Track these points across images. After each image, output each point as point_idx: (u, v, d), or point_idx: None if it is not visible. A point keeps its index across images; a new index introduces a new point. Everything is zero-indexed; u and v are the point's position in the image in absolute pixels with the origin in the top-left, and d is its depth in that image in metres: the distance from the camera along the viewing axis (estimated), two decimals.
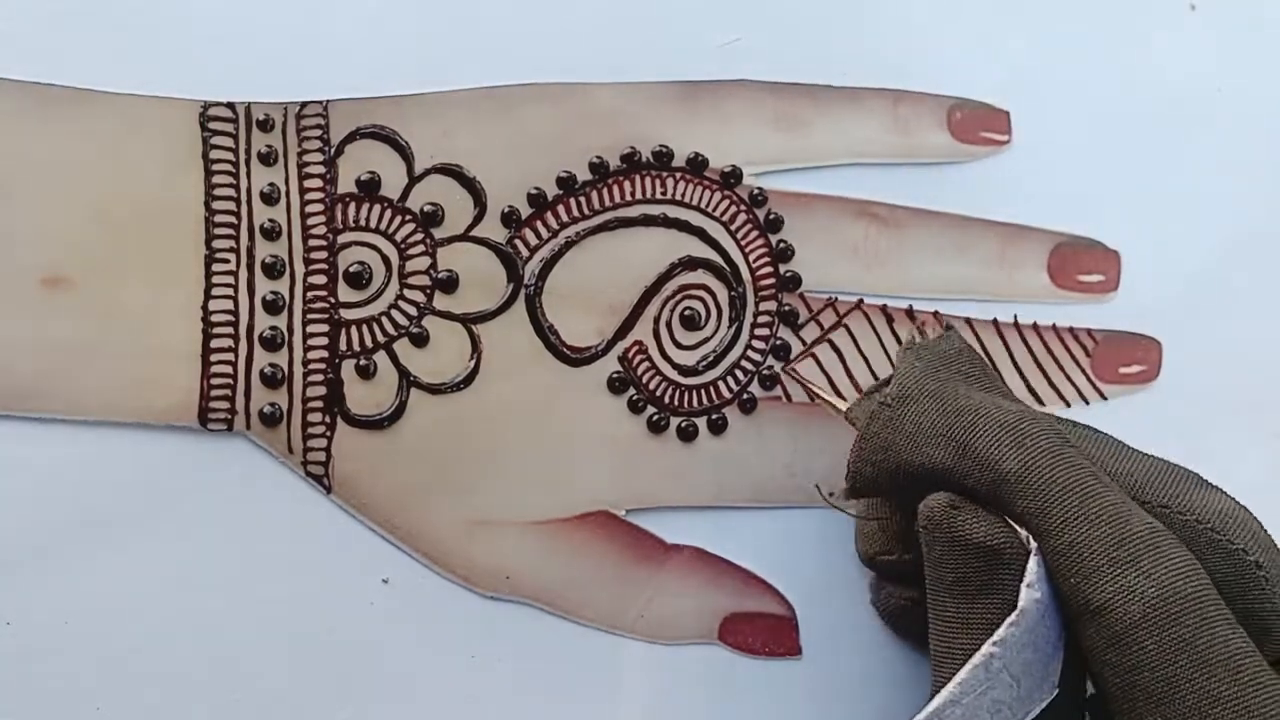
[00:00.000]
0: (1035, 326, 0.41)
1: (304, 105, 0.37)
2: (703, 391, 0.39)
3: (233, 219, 0.36)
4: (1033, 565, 0.30)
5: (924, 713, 0.29)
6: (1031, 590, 0.30)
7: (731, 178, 0.39)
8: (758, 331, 0.39)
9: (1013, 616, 0.29)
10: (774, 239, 0.39)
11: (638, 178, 0.39)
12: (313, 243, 0.36)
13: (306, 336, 0.36)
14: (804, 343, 0.39)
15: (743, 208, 0.39)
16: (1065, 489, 0.30)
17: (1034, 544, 0.30)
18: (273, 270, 0.36)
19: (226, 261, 0.36)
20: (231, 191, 0.36)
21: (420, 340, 0.37)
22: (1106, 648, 0.29)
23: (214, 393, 0.35)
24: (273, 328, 0.36)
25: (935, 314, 0.40)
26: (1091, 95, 0.43)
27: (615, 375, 0.38)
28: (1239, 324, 0.43)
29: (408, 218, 0.37)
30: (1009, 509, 0.31)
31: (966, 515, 0.31)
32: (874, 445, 0.33)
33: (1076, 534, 0.30)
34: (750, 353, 0.39)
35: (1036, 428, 0.31)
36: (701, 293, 0.39)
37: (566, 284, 0.38)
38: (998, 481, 0.31)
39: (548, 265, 0.38)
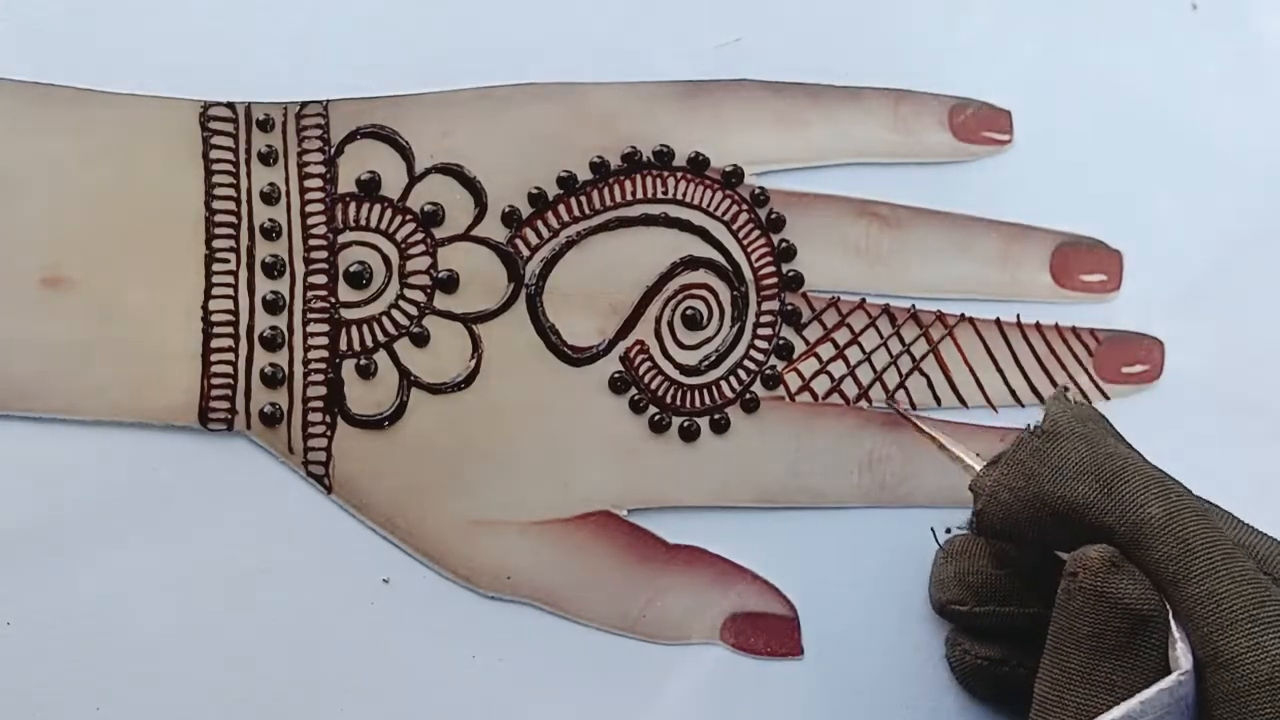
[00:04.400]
0: (1038, 326, 0.41)
1: (304, 105, 0.37)
2: (705, 391, 0.38)
3: (233, 219, 0.36)
4: (1176, 630, 0.31)
5: (1110, 715, 0.29)
6: (1180, 656, 0.30)
7: (733, 177, 0.39)
8: (760, 331, 0.39)
9: (1169, 682, 0.30)
10: (776, 238, 0.39)
11: (639, 177, 0.39)
12: (313, 242, 0.36)
13: (307, 336, 0.36)
14: (807, 342, 0.39)
15: (744, 207, 0.39)
16: (1209, 543, 0.31)
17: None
18: (273, 270, 0.36)
19: (226, 261, 0.36)
20: (231, 191, 0.36)
21: (421, 340, 0.37)
22: (1223, 701, 0.29)
23: (214, 393, 0.35)
24: (273, 327, 0.36)
25: (939, 314, 0.40)
26: (1093, 95, 0.43)
27: (617, 375, 0.38)
28: (1240, 324, 0.43)
29: (408, 217, 0.37)
30: (1147, 552, 0.31)
31: (1124, 576, 0.31)
32: (1017, 472, 0.33)
33: (1218, 585, 0.30)
34: (753, 352, 0.39)
35: (1180, 487, 0.32)
36: (703, 292, 0.39)
37: (567, 284, 0.38)
38: (1140, 524, 0.31)
39: (548, 265, 0.38)
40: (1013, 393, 0.41)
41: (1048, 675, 0.31)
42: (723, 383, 0.39)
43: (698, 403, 0.38)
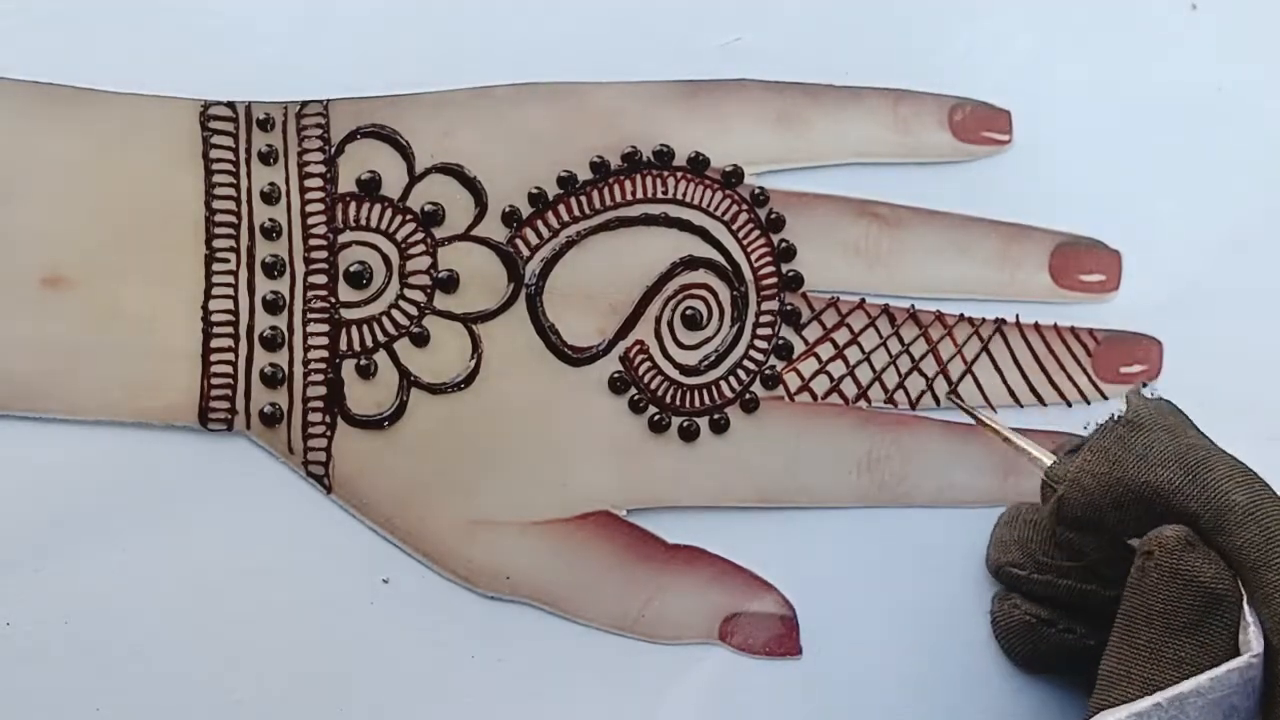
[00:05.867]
0: (1037, 326, 0.41)
1: (304, 105, 0.37)
2: (704, 391, 0.38)
3: (233, 218, 0.36)
4: (1249, 609, 0.31)
5: (1169, 692, 0.30)
6: (1251, 640, 0.31)
7: (733, 177, 0.39)
8: (760, 331, 0.39)
9: (1240, 662, 0.30)
10: (775, 238, 0.39)
11: (639, 177, 0.39)
12: (313, 242, 0.36)
13: (307, 336, 0.36)
14: (806, 342, 0.39)
15: (744, 207, 0.39)
16: None
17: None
18: (273, 270, 0.36)
19: (226, 261, 0.36)
20: (232, 191, 0.36)
21: (421, 340, 0.37)
22: None
23: (214, 392, 0.35)
24: (273, 327, 0.36)
25: (938, 314, 0.40)
26: (1092, 95, 0.43)
27: (616, 375, 0.38)
28: (1239, 324, 0.43)
29: (408, 217, 0.37)
30: (1229, 538, 0.31)
31: (1199, 555, 0.31)
32: (1101, 458, 0.34)
33: None
34: (753, 352, 0.39)
35: (1262, 480, 0.33)
36: (703, 292, 0.39)
37: (567, 283, 0.38)
38: (1224, 510, 0.32)
39: (549, 265, 0.38)
40: (1011, 392, 0.41)
41: (1115, 652, 0.32)
42: (722, 383, 0.39)
43: (697, 403, 0.38)
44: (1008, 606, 0.38)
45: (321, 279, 0.36)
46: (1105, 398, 0.41)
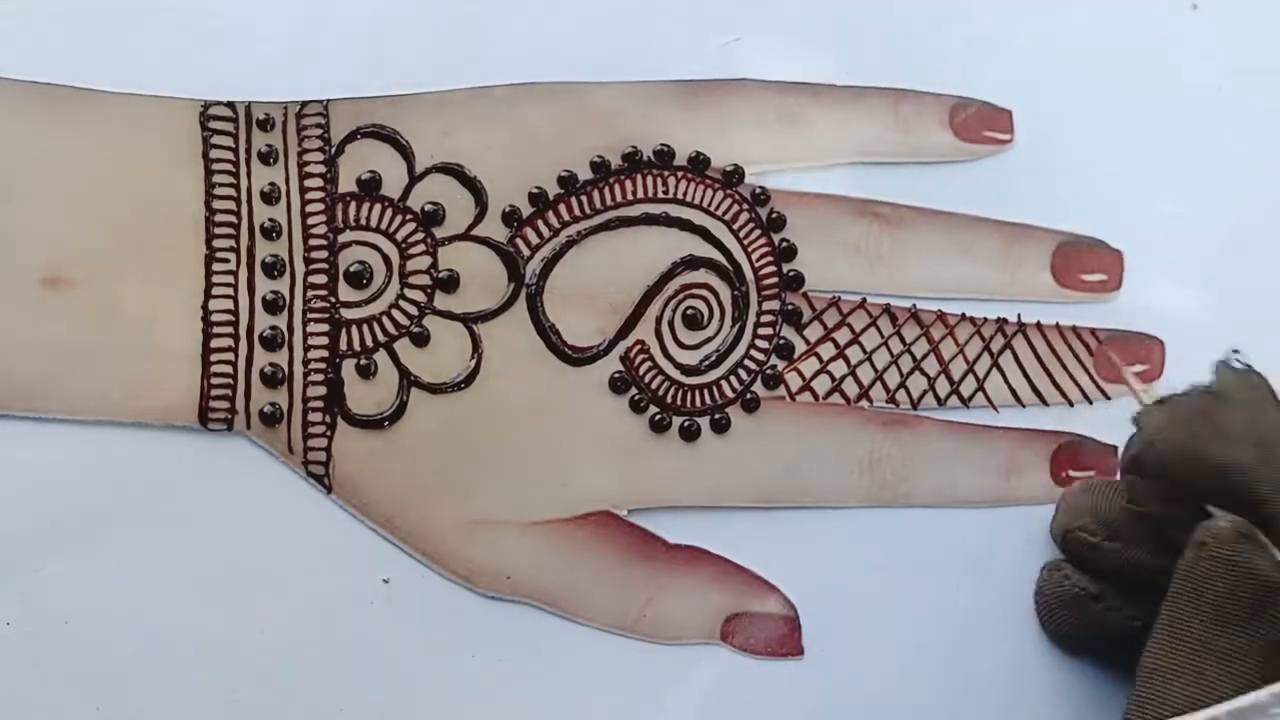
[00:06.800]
0: (1039, 325, 0.41)
1: (304, 105, 0.37)
2: (705, 391, 0.38)
3: (233, 218, 0.36)
4: None
5: (1227, 706, 0.29)
6: None
7: (733, 177, 0.39)
8: (761, 331, 0.39)
9: None
10: (776, 238, 0.39)
11: (639, 177, 0.39)
12: (313, 242, 0.36)
13: (307, 336, 0.36)
14: (807, 342, 0.39)
15: (745, 207, 0.39)
16: None
17: None
18: (273, 270, 0.36)
19: (226, 261, 0.36)
20: (232, 191, 0.36)
21: (421, 340, 0.37)
22: None
23: (214, 392, 0.35)
24: (273, 327, 0.36)
25: (940, 314, 0.40)
26: (1093, 95, 0.43)
27: (617, 375, 0.38)
28: (1240, 324, 0.43)
29: (408, 217, 0.37)
30: None
31: (1254, 547, 0.31)
32: (1180, 427, 0.34)
33: None
34: (754, 352, 0.39)
35: None
36: (704, 292, 0.39)
37: (568, 283, 0.38)
38: None
39: (549, 264, 0.38)
40: (1013, 392, 0.41)
41: (1162, 643, 0.31)
42: (723, 382, 0.39)
43: (698, 402, 0.38)
44: (1058, 577, 0.38)
45: (321, 279, 0.36)
46: (1107, 397, 0.41)
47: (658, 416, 0.38)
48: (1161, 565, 0.34)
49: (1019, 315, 0.41)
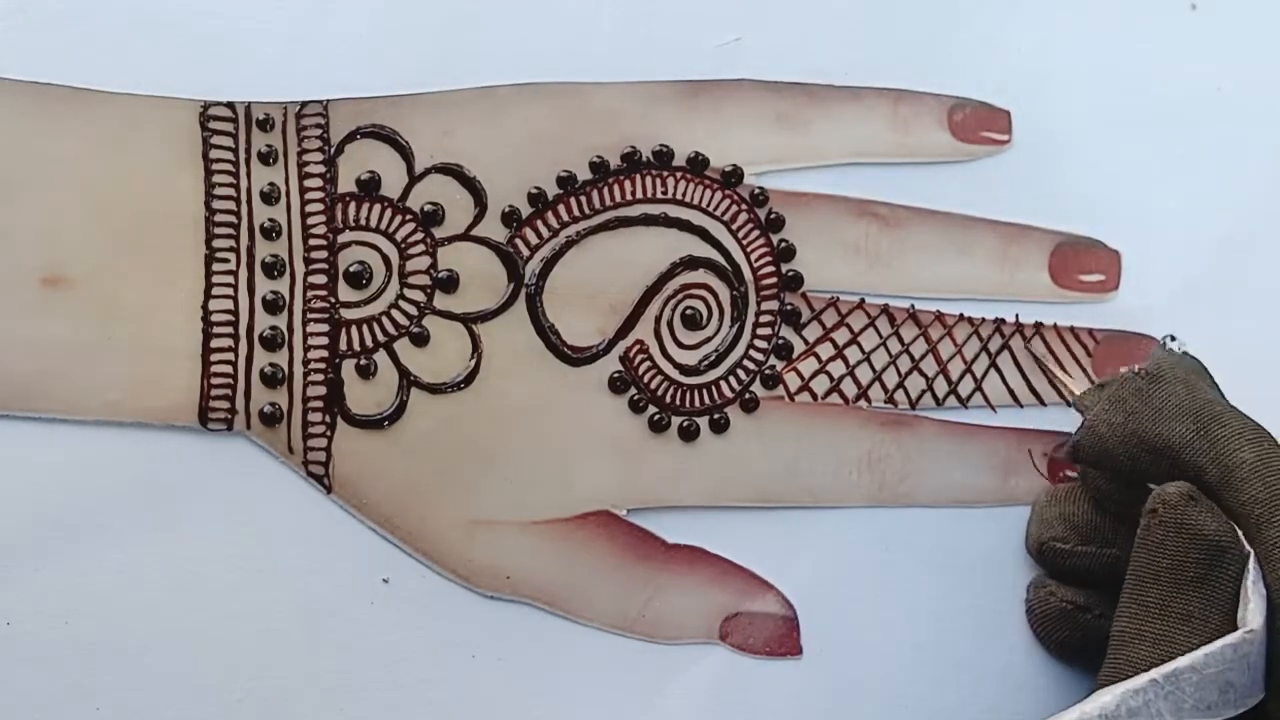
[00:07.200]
0: (1036, 326, 0.41)
1: (304, 105, 0.37)
2: (704, 391, 0.38)
3: (233, 218, 0.36)
4: (1253, 566, 0.32)
5: (1165, 669, 0.30)
6: (1249, 615, 0.31)
7: (732, 177, 0.39)
8: (760, 331, 0.39)
9: (1234, 638, 0.31)
10: (775, 238, 0.39)
11: (638, 177, 0.39)
12: (313, 242, 0.36)
13: (306, 336, 0.36)
14: (806, 342, 0.39)
15: (744, 207, 0.39)
16: None
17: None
18: (273, 270, 0.36)
19: (226, 261, 0.36)
20: (231, 191, 0.36)
21: (421, 340, 0.37)
22: None
23: (214, 392, 0.35)
24: (273, 327, 0.36)
25: (938, 314, 0.40)
26: (1092, 95, 0.43)
27: (616, 375, 0.38)
28: (1239, 324, 0.43)
29: (408, 217, 0.37)
30: (1235, 494, 0.32)
31: (1202, 509, 0.32)
32: (1118, 408, 0.35)
33: None
34: (752, 352, 0.39)
35: (1273, 440, 0.33)
36: (703, 292, 0.39)
37: (567, 283, 0.38)
38: (1232, 467, 0.32)
39: (548, 265, 0.38)
40: (1011, 392, 0.41)
41: (1126, 610, 0.32)
42: (722, 382, 0.39)
43: (697, 402, 0.38)
44: (1044, 594, 0.38)
45: (321, 279, 0.36)
46: None
47: (657, 416, 0.38)
48: None
49: (1017, 315, 0.41)
